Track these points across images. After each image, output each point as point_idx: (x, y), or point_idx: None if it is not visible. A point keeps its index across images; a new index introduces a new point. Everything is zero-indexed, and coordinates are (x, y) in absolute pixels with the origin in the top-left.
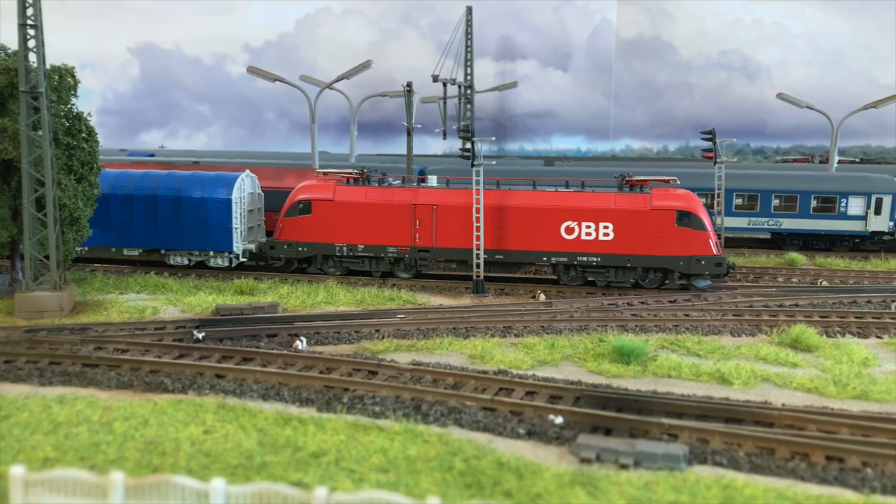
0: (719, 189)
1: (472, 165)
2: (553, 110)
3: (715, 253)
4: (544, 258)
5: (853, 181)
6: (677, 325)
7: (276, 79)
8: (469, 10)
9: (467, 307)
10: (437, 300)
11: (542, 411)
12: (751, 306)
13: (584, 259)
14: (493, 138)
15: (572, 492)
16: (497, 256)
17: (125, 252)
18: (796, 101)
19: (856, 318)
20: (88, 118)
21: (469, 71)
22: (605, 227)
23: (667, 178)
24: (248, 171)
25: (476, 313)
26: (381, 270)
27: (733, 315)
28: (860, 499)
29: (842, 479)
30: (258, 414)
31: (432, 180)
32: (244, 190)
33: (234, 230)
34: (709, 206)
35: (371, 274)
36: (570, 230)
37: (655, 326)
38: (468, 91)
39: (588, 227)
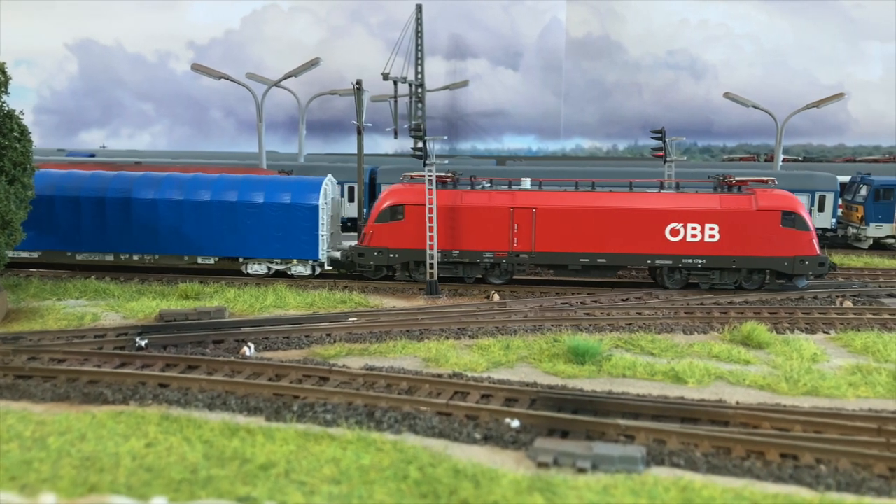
0: None
1: (425, 165)
2: (504, 109)
3: (818, 253)
4: (648, 261)
5: (798, 179)
6: (630, 324)
7: (221, 77)
8: (419, 8)
9: (421, 309)
10: (390, 302)
11: (498, 415)
12: (702, 304)
13: (690, 261)
14: (446, 137)
15: (530, 499)
16: (599, 260)
17: (199, 260)
18: (742, 100)
19: (803, 314)
20: (21, 116)
21: (420, 70)
22: (711, 229)
23: (765, 178)
24: (330, 175)
25: (430, 315)
26: (475, 276)
27: (685, 313)
28: (815, 497)
29: (797, 477)
30: (204, 425)
31: (526, 182)
32: (328, 195)
33: (320, 237)
34: None
35: (464, 280)
36: (675, 232)
37: (609, 325)
38: (419, 90)
39: (694, 228)
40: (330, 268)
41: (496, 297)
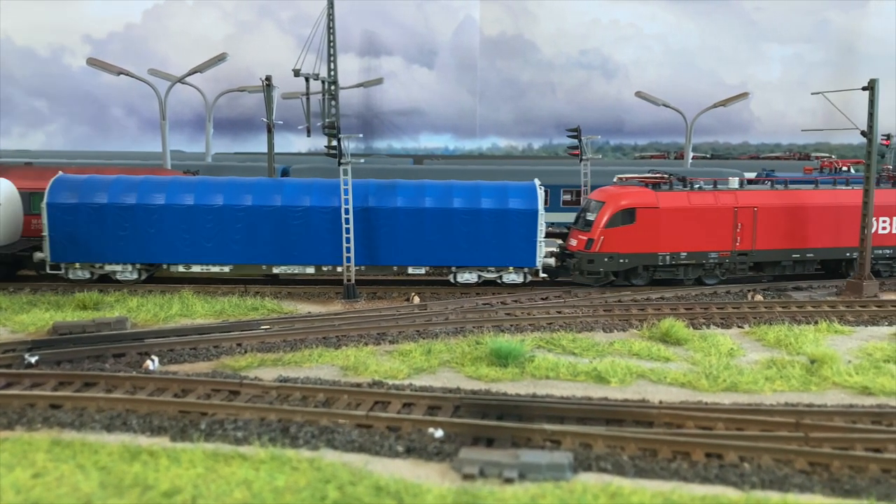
0: (586, 186)
1: (339, 164)
2: (420, 108)
3: None
4: (847, 253)
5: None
6: (551, 323)
7: (120, 72)
8: (330, 3)
9: (338, 314)
10: (305, 307)
11: (420, 425)
12: (619, 301)
13: (880, 252)
14: (361, 135)
15: None
16: (808, 255)
17: (410, 271)
18: (653, 99)
19: (718, 308)
20: None
21: (332, 66)
22: None
23: None
24: (537, 179)
25: (348, 320)
26: (694, 277)
27: (604, 310)
28: (741, 496)
29: (722, 477)
30: (101, 449)
31: (734, 182)
32: (541, 199)
33: (538, 244)
34: (577, 203)
35: (682, 282)
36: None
37: (530, 325)
38: (332, 87)
39: (884, 221)
40: (545, 275)
41: (416, 300)
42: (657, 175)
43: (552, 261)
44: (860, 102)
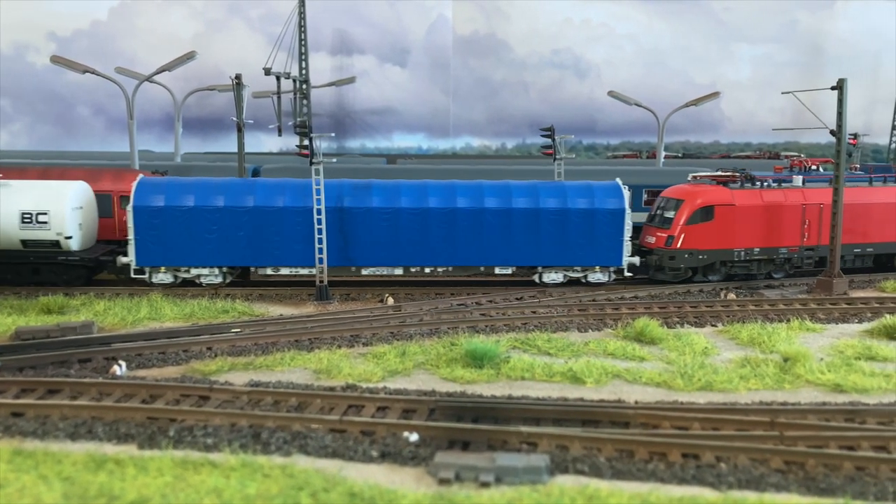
0: None
1: (311, 164)
2: (393, 107)
3: None
4: None
5: (680, 175)
6: (526, 323)
7: (85, 70)
8: (302, 1)
9: (311, 316)
10: (276, 310)
11: (395, 429)
12: (594, 300)
13: None
14: (333, 135)
15: None
16: (868, 249)
17: (497, 271)
18: (625, 98)
19: (691, 307)
20: None
21: (304, 65)
22: None
23: None
24: (618, 178)
25: (320, 322)
26: (765, 272)
27: (578, 310)
28: (718, 497)
29: (699, 478)
30: (64, 458)
31: (798, 180)
32: (627, 198)
33: (624, 243)
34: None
35: (755, 277)
36: None
37: (505, 326)
38: (304, 86)
39: None
40: (630, 274)
41: (390, 301)
42: (728, 173)
43: (636, 259)
44: (827, 102)
